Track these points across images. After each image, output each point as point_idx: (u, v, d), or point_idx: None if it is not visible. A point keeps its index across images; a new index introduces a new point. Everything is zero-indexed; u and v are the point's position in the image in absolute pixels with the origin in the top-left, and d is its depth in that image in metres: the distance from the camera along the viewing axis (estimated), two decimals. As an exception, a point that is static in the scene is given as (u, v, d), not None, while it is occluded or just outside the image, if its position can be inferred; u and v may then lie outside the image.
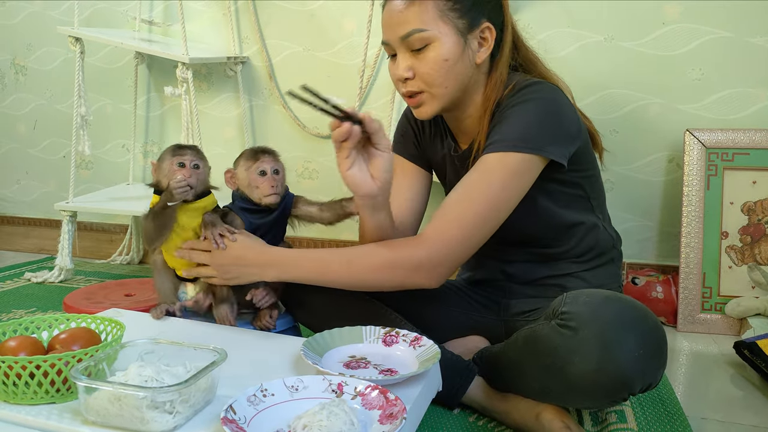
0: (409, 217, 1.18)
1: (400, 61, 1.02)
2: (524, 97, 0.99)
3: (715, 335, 1.51)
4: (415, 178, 1.21)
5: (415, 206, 1.19)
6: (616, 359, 0.79)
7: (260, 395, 0.73)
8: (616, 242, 1.17)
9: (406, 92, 1.04)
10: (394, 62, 1.04)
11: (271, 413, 0.71)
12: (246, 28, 1.96)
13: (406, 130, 1.23)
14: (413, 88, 1.03)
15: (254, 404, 0.72)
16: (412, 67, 1.01)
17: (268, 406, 0.72)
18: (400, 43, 1.01)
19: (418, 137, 1.21)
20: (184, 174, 1.06)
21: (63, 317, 0.90)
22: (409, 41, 0.99)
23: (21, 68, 2.25)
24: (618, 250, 1.18)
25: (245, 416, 0.69)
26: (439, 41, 0.99)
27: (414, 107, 1.06)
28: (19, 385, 0.73)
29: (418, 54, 1.00)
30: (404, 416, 0.67)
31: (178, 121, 2.06)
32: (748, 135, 1.53)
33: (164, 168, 1.08)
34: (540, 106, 0.98)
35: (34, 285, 1.87)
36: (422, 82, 1.02)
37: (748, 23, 1.53)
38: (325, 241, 1.98)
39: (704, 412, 1.09)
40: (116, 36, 1.86)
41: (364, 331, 0.97)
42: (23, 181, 2.34)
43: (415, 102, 1.04)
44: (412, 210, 1.19)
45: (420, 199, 1.21)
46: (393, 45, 1.02)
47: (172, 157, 1.08)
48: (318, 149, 1.95)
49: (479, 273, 1.22)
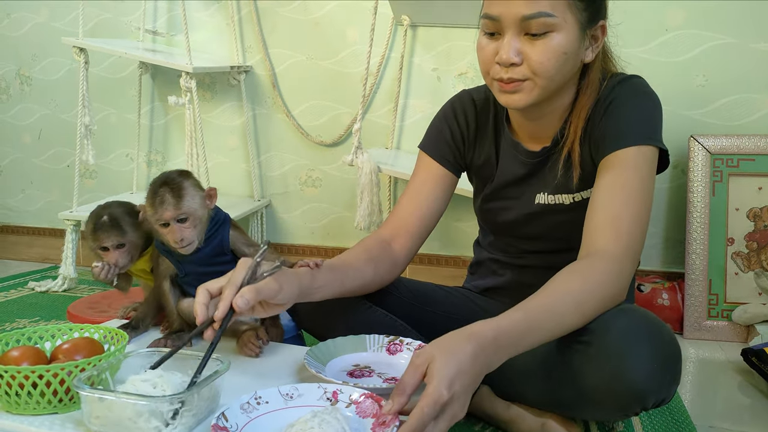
0: (416, 223, 1.08)
1: (508, 43, 0.90)
2: (637, 89, 0.97)
3: (721, 342, 1.50)
4: (438, 183, 1.11)
5: (427, 213, 1.09)
6: (631, 371, 0.78)
7: (254, 403, 0.73)
8: None
9: (508, 78, 0.92)
10: (492, 41, 0.93)
11: (264, 421, 0.71)
12: (249, 37, 1.97)
13: (441, 128, 1.12)
14: (517, 75, 0.92)
15: (247, 412, 0.71)
16: (522, 52, 0.91)
17: (262, 413, 0.72)
18: (517, 23, 0.89)
19: (458, 137, 1.11)
20: (109, 260, 1.04)
21: (66, 327, 0.90)
22: (530, 24, 0.89)
23: (26, 78, 2.26)
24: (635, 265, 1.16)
25: (237, 423, 0.69)
26: (562, 31, 0.90)
27: (506, 92, 0.94)
28: (21, 395, 0.73)
29: (533, 39, 0.90)
30: (396, 424, 0.66)
31: (181, 130, 2.07)
32: (753, 141, 1.52)
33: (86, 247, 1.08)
34: (655, 100, 0.97)
35: (37, 294, 1.87)
36: (530, 70, 0.92)
37: (752, 29, 1.53)
38: (328, 248, 1.98)
39: (712, 420, 1.08)
40: (120, 46, 1.87)
41: (368, 340, 0.96)
42: (28, 190, 2.35)
43: (512, 88, 0.93)
44: (422, 217, 1.09)
45: (436, 207, 1.10)
46: (504, 23, 0.90)
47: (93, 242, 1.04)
48: (321, 157, 1.95)
49: (492, 281, 1.19)
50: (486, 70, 0.96)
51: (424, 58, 1.81)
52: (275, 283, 0.80)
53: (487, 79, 0.97)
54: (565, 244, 1.08)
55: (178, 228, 0.94)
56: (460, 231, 1.81)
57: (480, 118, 1.11)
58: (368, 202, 1.66)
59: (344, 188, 1.94)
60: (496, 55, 0.93)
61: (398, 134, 1.86)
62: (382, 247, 1.04)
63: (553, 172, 1.04)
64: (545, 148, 1.04)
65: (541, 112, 1.01)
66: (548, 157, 1.04)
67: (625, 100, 0.96)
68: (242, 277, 0.79)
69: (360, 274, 0.98)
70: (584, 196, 1.04)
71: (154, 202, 0.94)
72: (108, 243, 1.02)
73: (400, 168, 1.66)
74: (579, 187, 1.03)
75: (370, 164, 1.64)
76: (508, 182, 1.09)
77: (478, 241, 1.25)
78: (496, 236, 1.17)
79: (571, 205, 1.04)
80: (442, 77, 1.80)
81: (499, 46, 0.92)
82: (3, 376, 0.72)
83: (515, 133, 1.08)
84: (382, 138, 1.88)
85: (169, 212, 0.93)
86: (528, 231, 1.10)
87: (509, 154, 1.08)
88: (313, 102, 1.93)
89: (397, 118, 1.84)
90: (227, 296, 0.77)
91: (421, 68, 1.82)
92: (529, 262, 1.12)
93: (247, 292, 0.77)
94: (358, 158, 1.65)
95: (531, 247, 1.10)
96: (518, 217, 1.09)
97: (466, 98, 1.13)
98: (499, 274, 1.17)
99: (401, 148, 1.87)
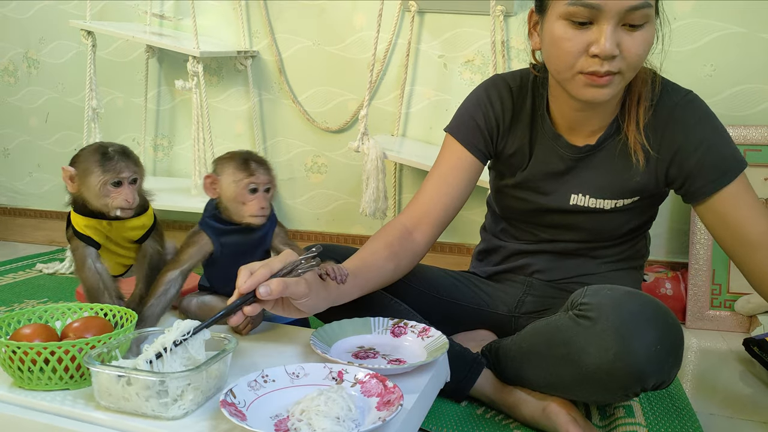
0: (440, 212, 1.05)
1: (611, 34, 0.85)
2: (705, 110, 0.97)
3: (723, 332, 1.51)
4: (466, 171, 1.06)
5: (451, 203, 1.06)
6: (634, 352, 0.79)
7: (261, 381, 0.74)
8: (647, 252, 1.17)
9: (605, 71, 0.87)
10: (582, 32, 0.87)
11: (271, 398, 0.72)
12: (256, 22, 1.97)
13: (474, 114, 1.07)
14: (615, 69, 0.87)
15: (255, 389, 0.73)
16: (619, 44, 0.86)
17: (269, 391, 0.73)
18: (621, 14, 0.84)
19: (493, 124, 1.06)
20: (125, 196, 0.91)
21: (76, 306, 0.91)
22: (635, 14, 0.85)
23: (33, 62, 2.26)
24: (646, 259, 1.17)
25: (245, 400, 0.70)
26: (652, 23, 0.88)
27: (596, 86, 0.89)
28: (34, 371, 0.74)
29: (632, 31, 0.86)
30: (401, 403, 0.67)
31: (188, 115, 2.08)
32: (760, 131, 1.52)
33: (91, 184, 0.92)
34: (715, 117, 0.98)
35: (45, 276, 1.89)
36: (624, 63, 0.87)
37: (760, 18, 1.52)
38: (333, 235, 1.99)
39: (713, 408, 1.09)
40: (127, 29, 1.87)
41: (372, 322, 0.97)
42: (35, 173, 2.36)
43: (606, 81, 0.88)
44: (446, 206, 1.06)
45: (461, 196, 1.07)
46: (607, 13, 0.84)
47: (102, 174, 0.91)
48: (327, 144, 1.96)
49: (501, 267, 1.19)
50: (570, 63, 0.89)
51: (430, 45, 1.80)
52: (305, 287, 0.79)
53: (568, 72, 0.90)
54: (590, 236, 1.08)
55: (265, 197, 0.95)
56: (464, 219, 1.82)
57: (516, 105, 1.06)
58: (374, 188, 1.66)
59: (350, 174, 1.94)
60: (586, 47, 0.87)
61: (404, 121, 1.86)
62: (403, 238, 1.02)
63: (593, 172, 1.02)
64: (589, 145, 1.01)
65: (599, 106, 0.97)
66: (590, 156, 1.02)
67: (699, 121, 0.96)
68: (279, 267, 0.78)
69: (381, 273, 0.98)
70: (626, 202, 1.02)
71: (250, 169, 0.93)
72: (126, 173, 0.90)
73: (405, 155, 1.66)
74: (626, 194, 1.01)
75: (376, 151, 1.64)
76: (542, 175, 1.05)
77: (485, 227, 1.25)
78: (512, 223, 1.16)
79: (611, 209, 1.03)
80: (449, 64, 1.79)
81: (591, 37, 0.86)
82: (16, 352, 0.74)
83: (557, 125, 1.04)
84: (388, 125, 1.88)
85: (265, 178, 0.94)
86: (553, 225, 1.09)
87: (548, 146, 1.04)
88: (320, 88, 1.93)
89: (403, 105, 1.84)
90: (260, 275, 0.76)
91: (427, 55, 1.81)
92: (544, 248, 1.12)
93: (275, 283, 0.76)
94: (364, 144, 1.66)
95: (551, 237, 1.10)
96: (546, 212, 1.07)
97: (501, 84, 1.07)
98: (509, 260, 1.17)
99: (407, 135, 1.87)
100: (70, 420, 0.71)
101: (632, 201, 1.02)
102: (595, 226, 1.06)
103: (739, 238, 0.93)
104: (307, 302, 0.81)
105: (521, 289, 1.15)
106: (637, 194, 1.02)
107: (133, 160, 0.95)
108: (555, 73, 0.94)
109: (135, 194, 0.93)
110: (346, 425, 0.65)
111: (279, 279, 0.77)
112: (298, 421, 0.66)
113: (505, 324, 1.16)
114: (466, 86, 1.76)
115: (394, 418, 0.66)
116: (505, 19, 1.68)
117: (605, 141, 1.01)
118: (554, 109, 1.03)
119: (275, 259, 0.79)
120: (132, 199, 0.92)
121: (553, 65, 0.93)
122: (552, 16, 0.90)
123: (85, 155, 0.95)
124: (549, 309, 1.09)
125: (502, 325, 1.16)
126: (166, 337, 0.72)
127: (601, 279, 1.09)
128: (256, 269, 0.78)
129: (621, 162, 1.00)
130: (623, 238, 1.09)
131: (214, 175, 0.96)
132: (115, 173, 0.91)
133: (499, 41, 1.69)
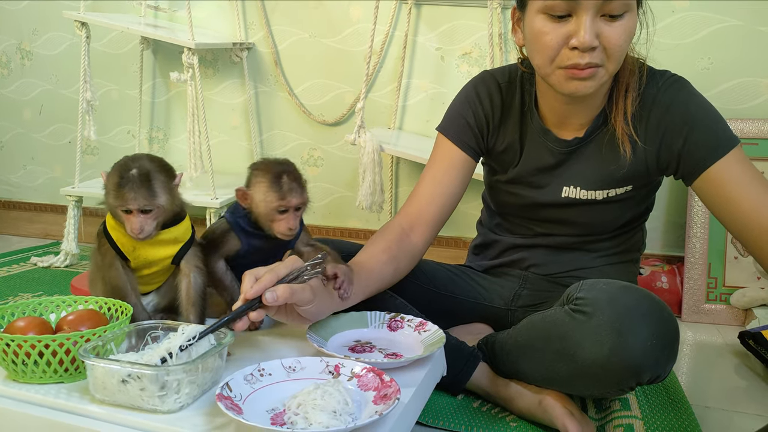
0: (435, 212, 1.06)
1: (589, 26, 0.84)
2: (688, 90, 0.96)
3: (719, 326, 1.51)
4: (458, 169, 1.07)
5: (446, 202, 1.06)
6: (629, 347, 0.79)
7: (257, 374, 0.74)
8: (643, 245, 1.17)
9: (586, 63, 0.86)
10: (560, 25, 0.86)
11: (268, 392, 0.72)
12: (252, 14, 1.95)
13: (464, 112, 1.07)
14: (596, 60, 0.86)
15: (251, 383, 0.72)
16: (599, 36, 0.85)
17: (265, 385, 0.73)
18: (599, 5, 0.84)
19: (482, 121, 1.06)
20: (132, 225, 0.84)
21: (70, 299, 0.91)
22: (613, 5, 0.84)
23: (27, 53, 2.24)
24: (642, 252, 1.17)
25: (241, 394, 0.70)
26: (633, 12, 0.87)
27: (578, 79, 0.88)
28: (28, 364, 0.74)
29: (611, 21, 0.85)
30: (397, 397, 0.67)
31: (183, 107, 2.06)
32: (757, 125, 1.52)
33: (109, 204, 0.87)
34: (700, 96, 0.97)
35: (40, 269, 1.88)
36: (605, 55, 0.87)
37: (758, 12, 1.52)
38: (329, 228, 1.98)
39: (708, 401, 1.09)
40: (122, 21, 1.85)
41: (369, 316, 0.97)
42: (29, 166, 2.35)
43: (589, 74, 0.88)
44: (442, 206, 1.06)
45: (455, 194, 1.07)
46: (584, 5, 0.84)
47: (114, 200, 0.85)
48: (323, 136, 1.95)
49: (497, 261, 1.19)
50: (550, 57, 0.89)
51: (427, 37, 1.79)
52: (310, 294, 0.79)
53: (549, 67, 0.90)
54: (585, 229, 1.08)
55: (296, 216, 0.94)
56: (461, 212, 1.81)
57: (505, 101, 1.06)
58: (370, 181, 1.66)
59: (346, 168, 1.94)
60: (566, 40, 0.86)
61: (401, 114, 1.85)
62: (401, 240, 1.02)
63: (583, 164, 1.02)
64: (577, 138, 1.01)
65: (587, 98, 0.96)
66: (579, 148, 1.02)
67: (687, 103, 0.95)
68: (284, 273, 0.78)
69: (381, 277, 0.98)
70: (619, 192, 1.02)
71: (282, 192, 0.91)
72: (133, 205, 0.84)
73: (402, 148, 1.66)
74: (617, 183, 1.01)
75: (373, 144, 1.63)
76: (534, 170, 1.06)
77: (481, 221, 1.26)
78: (507, 218, 1.16)
79: (603, 200, 1.03)
80: (446, 57, 1.79)
81: (570, 30, 0.86)
82: (10, 345, 0.73)
83: (545, 120, 1.04)
84: (384, 117, 1.88)
85: (298, 200, 0.92)
86: (548, 219, 1.09)
87: (537, 141, 1.04)
88: (316, 80, 1.92)
89: (399, 98, 1.83)
90: (266, 280, 0.76)
91: (424, 47, 1.80)
92: (539, 242, 1.12)
93: (281, 289, 0.76)
94: (361, 137, 1.65)
95: (546, 231, 1.10)
96: (540, 206, 1.08)
97: (489, 80, 1.07)
98: (505, 254, 1.17)
99: (403, 128, 1.86)
100: (64, 413, 0.71)
101: (625, 191, 1.02)
102: (590, 219, 1.06)
103: (734, 211, 0.92)
104: (311, 309, 0.81)
105: (517, 283, 1.15)
106: (629, 183, 1.01)
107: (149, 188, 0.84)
108: (537, 68, 0.94)
109: (147, 223, 0.85)
110: (343, 419, 0.65)
111: (285, 285, 0.77)
112: (294, 414, 0.66)
113: (502, 317, 1.16)
114: (464, 79, 1.75)
115: (391, 411, 0.66)
116: (503, 11, 1.67)
117: (593, 133, 1.01)
118: (542, 104, 1.03)
119: (281, 265, 0.79)
120: (139, 229, 0.85)
121: (535, 60, 0.93)
122: (531, 11, 0.90)
123: (112, 171, 0.88)
124: (545, 302, 1.09)
125: (499, 319, 1.16)
126: (172, 342, 0.72)
127: (597, 273, 1.10)
128: (262, 275, 0.77)
129: (610, 153, 1.00)
130: (618, 231, 1.09)
131: (245, 189, 0.94)
132: (122, 202, 0.84)
133: (497, 33, 1.68)
